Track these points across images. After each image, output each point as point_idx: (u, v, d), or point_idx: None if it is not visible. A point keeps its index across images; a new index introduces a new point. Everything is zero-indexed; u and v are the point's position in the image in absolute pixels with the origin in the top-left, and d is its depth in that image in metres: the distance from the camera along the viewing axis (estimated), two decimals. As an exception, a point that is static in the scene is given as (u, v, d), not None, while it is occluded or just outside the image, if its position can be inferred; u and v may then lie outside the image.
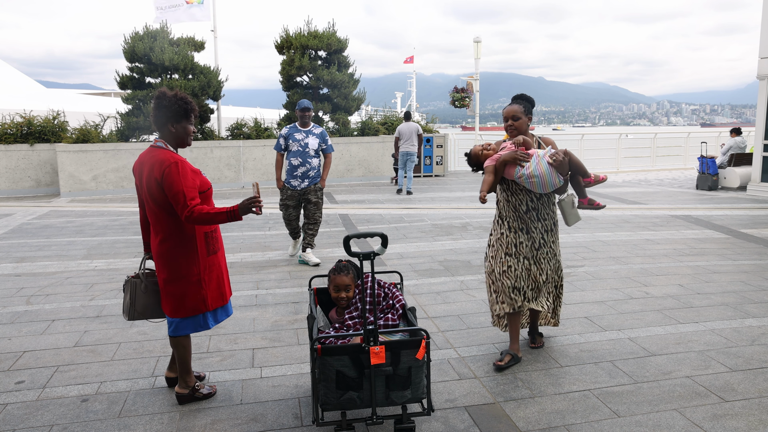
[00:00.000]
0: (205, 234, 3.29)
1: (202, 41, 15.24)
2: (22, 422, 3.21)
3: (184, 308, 3.26)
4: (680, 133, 21.25)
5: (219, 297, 3.37)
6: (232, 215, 3.05)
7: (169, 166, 3.10)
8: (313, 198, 6.58)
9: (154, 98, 3.28)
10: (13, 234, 8.69)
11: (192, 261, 3.23)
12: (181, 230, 3.21)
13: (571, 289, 5.53)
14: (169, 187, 3.08)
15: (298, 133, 6.55)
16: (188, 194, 3.07)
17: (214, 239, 3.35)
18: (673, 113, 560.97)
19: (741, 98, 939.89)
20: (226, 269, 3.49)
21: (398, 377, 2.80)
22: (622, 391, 3.49)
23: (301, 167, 6.48)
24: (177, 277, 3.23)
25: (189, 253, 3.23)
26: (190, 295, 3.25)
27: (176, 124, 3.25)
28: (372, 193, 13.01)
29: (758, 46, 12.04)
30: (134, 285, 3.38)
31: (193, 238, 3.23)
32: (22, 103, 21.96)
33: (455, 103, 18.96)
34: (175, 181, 3.07)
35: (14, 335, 4.52)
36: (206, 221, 3.06)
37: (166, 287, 3.27)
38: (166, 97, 3.23)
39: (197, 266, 3.25)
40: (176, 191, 3.07)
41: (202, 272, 3.26)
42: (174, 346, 3.36)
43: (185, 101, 3.25)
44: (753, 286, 5.62)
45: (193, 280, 3.24)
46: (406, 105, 67.79)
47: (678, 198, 11.89)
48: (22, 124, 13.76)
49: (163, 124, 3.25)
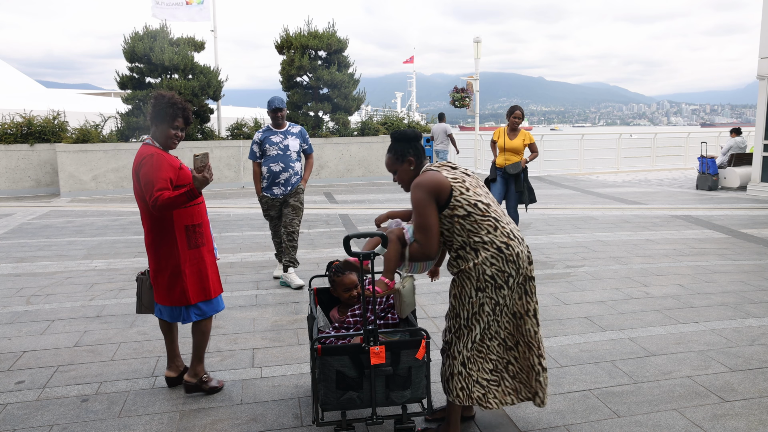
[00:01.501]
0: (186, 227, 3.34)
1: (202, 41, 15.25)
2: (22, 422, 3.20)
3: (169, 298, 3.37)
4: (680, 133, 21.25)
5: (201, 291, 3.40)
6: (191, 193, 3.14)
7: (144, 158, 3.23)
8: (293, 201, 5.78)
9: (152, 96, 3.38)
10: (13, 234, 8.69)
11: (171, 253, 3.32)
12: (161, 223, 3.30)
13: (571, 289, 5.53)
14: (143, 178, 3.20)
15: (275, 135, 5.76)
16: (157, 184, 3.15)
17: (198, 233, 3.39)
18: (673, 113, 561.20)
19: (741, 98, 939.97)
20: (213, 265, 3.52)
21: (398, 377, 2.80)
22: (622, 391, 3.49)
23: (284, 173, 5.71)
24: (159, 268, 3.36)
25: (169, 245, 3.32)
26: (172, 285, 3.35)
27: (160, 125, 3.33)
28: (372, 193, 13.01)
29: (758, 46, 12.04)
30: (141, 281, 3.56)
31: (172, 230, 3.31)
32: (22, 103, 21.95)
33: (455, 103, 18.94)
34: (147, 172, 3.18)
35: (14, 335, 4.52)
36: (170, 206, 3.14)
37: (154, 277, 3.42)
38: (158, 97, 3.32)
39: (176, 258, 3.32)
40: (146, 181, 3.18)
41: (182, 264, 3.33)
42: (194, 332, 3.49)
43: (173, 106, 3.29)
44: (753, 286, 5.62)
45: (173, 272, 3.33)
46: (406, 105, 67.84)
47: (678, 198, 11.88)
48: (22, 124, 13.76)
49: (151, 123, 3.37)
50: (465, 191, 2.79)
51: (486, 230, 2.76)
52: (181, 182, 3.30)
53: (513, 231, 2.85)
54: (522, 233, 3.09)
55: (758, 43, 12.03)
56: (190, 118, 3.41)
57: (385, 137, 15.65)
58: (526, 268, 2.83)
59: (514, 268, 2.78)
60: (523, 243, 2.87)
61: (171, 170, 3.25)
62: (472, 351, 2.83)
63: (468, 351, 2.83)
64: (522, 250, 2.82)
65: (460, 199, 2.77)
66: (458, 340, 2.83)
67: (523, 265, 2.81)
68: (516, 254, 2.78)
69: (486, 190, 2.98)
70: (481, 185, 2.96)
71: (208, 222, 3.52)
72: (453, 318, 2.86)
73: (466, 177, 2.89)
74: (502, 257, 2.75)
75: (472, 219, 2.76)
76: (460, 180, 2.83)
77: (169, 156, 3.33)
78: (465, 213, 2.77)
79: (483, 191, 2.91)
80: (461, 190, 2.78)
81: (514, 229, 2.87)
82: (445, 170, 2.87)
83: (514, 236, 2.83)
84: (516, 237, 2.84)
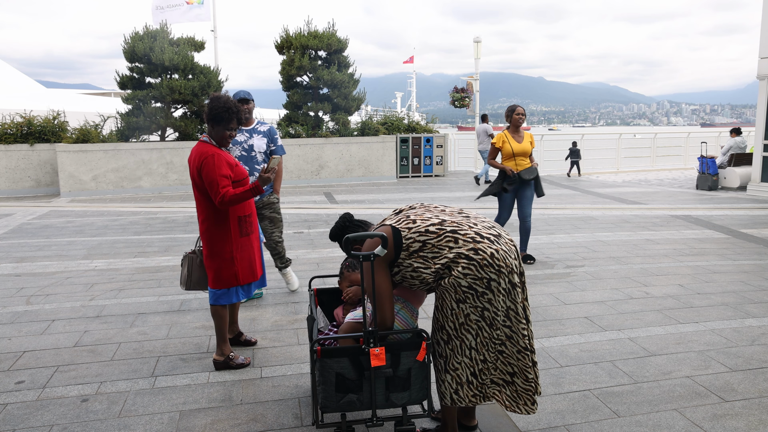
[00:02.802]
0: (239, 218, 3.72)
1: (202, 41, 15.25)
2: (22, 422, 3.21)
3: (220, 281, 3.72)
4: (680, 133, 21.25)
5: (250, 273, 3.82)
6: (256, 190, 3.56)
7: (206, 158, 3.57)
8: (268, 213, 5.34)
9: (209, 98, 3.71)
10: (13, 234, 8.69)
11: (226, 240, 3.69)
12: (217, 213, 3.67)
13: (571, 289, 5.53)
14: (206, 176, 3.55)
15: (240, 133, 5.16)
16: (220, 182, 3.53)
17: (248, 223, 3.79)
18: (673, 113, 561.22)
19: (741, 98, 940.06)
20: (259, 250, 3.97)
21: (398, 379, 2.80)
22: (622, 391, 3.49)
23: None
24: (213, 254, 3.70)
25: (223, 233, 3.69)
26: (224, 269, 3.71)
27: (216, 125, 3.66)
28: (372, 193, 13.01)
29: (758, 46, 12.04)
30: (191, 259, 3.93)
31: (227, 220, 3.68)
32: (22, 103, 21.96)
33: (455, 103, 18.96)
34: (211, 171, 3.54)
35: (14, 335, 4.53)
36: (236, 201, 3.55)
37: (206, 262, 3.77)
38: (215, 99, 3.63)
39: (230, 245, 3.70)
40: (211, 179, 3.54)
41: (235, 251, 3.71)
42: (213, 315, 3.82)
43: (228, 110, 3.61)
44: (753, 286, 5.62)
45: (227, 257, 3.70)
46: (406, 105, 67.85)
47: (678, 198, 11.89)
48: (22, 124, 13.76)
49: (208, 122, 3.67)
50: (412, 224, 2.71)
51: (447, 248, 2.64)
52: (237, 178, 3.68)
53: (480, 232, 2.69)
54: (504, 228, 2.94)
55: (758, 43, 12.03)
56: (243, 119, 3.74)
57: (386, 137, 15.65)
58: (507, 265, 2.64)
59: (493, 270, 2.61)
60: (498, 240, 2.69)
61: (229, 168, 3.63)
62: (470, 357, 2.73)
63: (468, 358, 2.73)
64: (497, 248, 2.64)
65: (409, 236, 2.68)
66: (453, 353, 2.74)
67: (504, 263, 2.63)
68: (489, 255, 2.61)
69: (442, 207, 2.88)
70: (434, 206, 2.86)
71: (255, 212, 3.95)
72: (439, 330, 2.77)
73: (410, 210, 2.84)
74: (474, 265, 2.60)
75: (429, 246, 2.66)
76: (403, 218, 2.76)
77: (226, 154, 3.69)
78: (420, 245, 2.65)
79: (434, 212, 2.80)
80: (408, 228, 2.70)
81: (483, 229, 2.71)
82: (388, 220, 2.82)
83: (481, 237, 2.66)
84: (485, 237, 2.67)
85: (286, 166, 14.65)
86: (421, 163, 16.09)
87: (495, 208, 10.55)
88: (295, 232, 8.54)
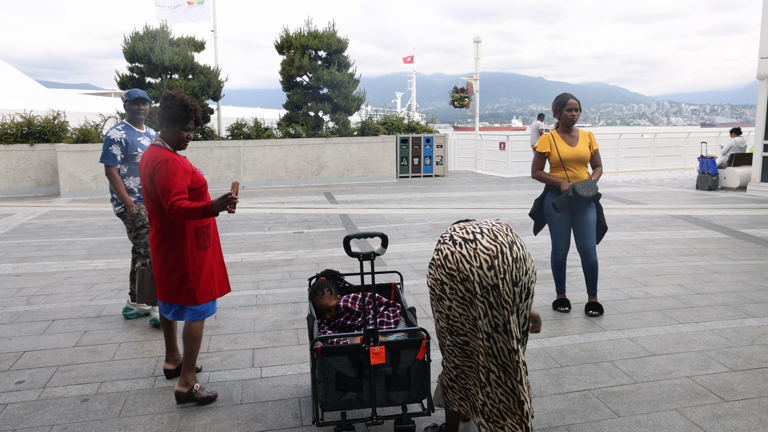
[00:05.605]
0: (196, 229, 3.32)
1: (202, 41, 15.26)
2: (22, 422, 3.21)
3: (175, 296, 3.33)
4: (680, 133, 21.24)
5: (207, 292, 3.38)
6: (207, 211, 3.12)
7: (159, 163, 3.19)
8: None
9: (162, 97, 3.34)
10: (13, 234, 8.69)
11: (180, 254, 3.29)
12: (172, 224, 3.28)
13: (572, 289, 5.53)
14: (158, 182, 3.18)
15: (140, 136, 4.72)
16: (173, 189, 3.14)
17: (206, 235, 3.37)
18: (672, 113, 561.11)
19: (741, 98, 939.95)
20: (219, 265, 3.51)
21: (398, 377, 2.80)
22: (622, 391, 3.49)
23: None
24: (167, 268, 3.32)
25: (178, 246, 3.29)
26: (179, 285, 3.31)
27: (171, 126, 3.31)
28: (372, 193, 13.01)
29: (758, 46, 12.04)
30: (142, 272, 3.68)
31: (183, 232, 3.29)
32: (22, 103, 21.95)
33: (455, 103, 18.96)
34: (163, 177, 3.16)
35: (14, 335, 4.52)
36: (184, 215, 3.13)
37: (159, 275, 3.38)
38: (169, 98, 3.29)
39: (184, 259, 3.29)
40: (162, 186, 3.16)
41: (190, 265, 3.30)
42: (188, 337, 3.39)
43: (185, 108, 3.28)
44: (753, 286, 5.62)
45: (181, 273, 3.29)
46: (406, 105, 67.82)
47: (678, 198, 11.89)
48: (22, 124, 13.76)
49: (161, 124, 3.32)
50: None
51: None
52: (195, 185, 3.31)
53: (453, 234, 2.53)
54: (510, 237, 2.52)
55: (758, 43, 12.03)
56: (201, 119, 3.43)
57: (386, 137, 15.66)
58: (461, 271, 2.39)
59: (444, 273, 2.43)
60: (465, 244, 2.43)
61: (186, 175, 3.25)
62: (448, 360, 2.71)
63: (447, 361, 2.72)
64: (454, 251, 2.43)
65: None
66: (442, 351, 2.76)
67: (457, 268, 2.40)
68: (444, 257, 2.45)
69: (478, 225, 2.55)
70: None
71: (215, 221, 3.52)
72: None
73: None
74: (433, 264, 2.53)
75: None
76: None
77: (183, 160, 3.31)
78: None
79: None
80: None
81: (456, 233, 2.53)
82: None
83: (449, 239, 2.50)
84: (450, 240, 2.48)
85: (287, 166, 14.69)
86: (421, 163, 16.10)
87: (493, 208, 10.55)
88: (295, 232, 8.54)
